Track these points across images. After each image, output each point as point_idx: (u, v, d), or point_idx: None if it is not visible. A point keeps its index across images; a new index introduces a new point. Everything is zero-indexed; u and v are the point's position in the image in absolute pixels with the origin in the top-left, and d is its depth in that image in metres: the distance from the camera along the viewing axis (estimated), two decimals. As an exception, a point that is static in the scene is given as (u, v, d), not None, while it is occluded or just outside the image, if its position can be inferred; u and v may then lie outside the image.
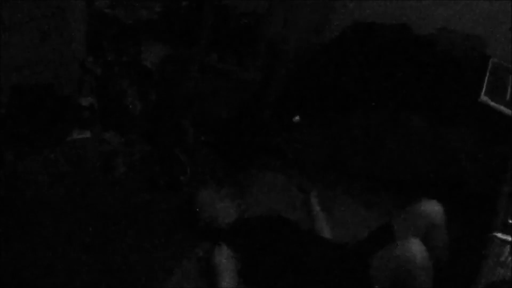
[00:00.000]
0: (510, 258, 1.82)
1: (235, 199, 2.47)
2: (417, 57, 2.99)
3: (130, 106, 3.03)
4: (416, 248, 1.82)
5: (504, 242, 1.88)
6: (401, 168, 2.91)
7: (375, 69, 2.98)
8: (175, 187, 2.75)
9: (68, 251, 2.28)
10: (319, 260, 2.08)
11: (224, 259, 2.13)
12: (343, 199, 2.76)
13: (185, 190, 2.70)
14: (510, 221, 1.97)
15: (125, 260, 2.29)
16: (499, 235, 1.91)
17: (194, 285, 2.22)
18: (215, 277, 2.11)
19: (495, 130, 2.70)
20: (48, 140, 2.76)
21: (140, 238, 2.41)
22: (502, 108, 2.68)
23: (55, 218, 2.41)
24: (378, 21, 3.18)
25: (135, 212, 2.54)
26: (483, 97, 2.68)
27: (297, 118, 2.74)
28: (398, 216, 2.14)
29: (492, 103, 2.68)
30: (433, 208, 2.07)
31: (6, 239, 2.27)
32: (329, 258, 2.09)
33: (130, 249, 2.34)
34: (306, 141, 3.01)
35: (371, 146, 2.95)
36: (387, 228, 2.13)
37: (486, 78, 2.79)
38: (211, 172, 2.91)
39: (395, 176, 2.91)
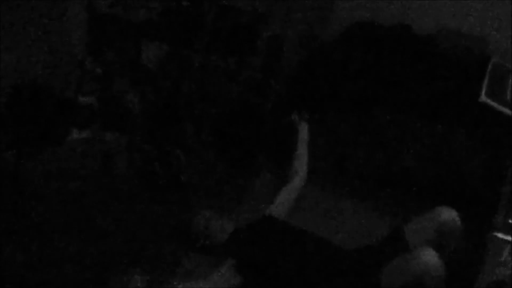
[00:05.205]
0: (510, 258, 1.82)
1: (231, 212, 2.41)
2: (417, 57, 2.99)
3: (130, 106, 3.03)
4: (430, 259, 1.75)
5: (504, 242, 1.88)
6: (400, 168, 2.91)
7: (375, 69, 2.98)
8: (175, 187, 2.75)
9: (68, 250, 2.29)
10: (326, 269, 2.00)
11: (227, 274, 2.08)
12: (351, 203, 2.76)
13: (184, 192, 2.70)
14: (510, 221, 1.97)
15: (125, 259, 2.29)
16: (499, 235, 1.90)
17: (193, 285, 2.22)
18: None
19: (495, 130, 2.70)
20: (48, 140, 2.76)
21: (141, 237, 2.41)
22: (502, 108, 2.68)
23: (55, 218, 2.41)
24: (378, 21, 3.18)
25: (135, 212, 2.54)
26: (483, 97, 2.68)
27: (296, 118, 2.73)
28: (411, 223, 2.06)
29: (492, 103, 2.68)
30: (450, 216, 1.98)
31: (6, 238, 2.27)
32: (336, 267, 2.01)
33: (130, 248, 2.34)
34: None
35: (369, 146, 2.95)
36: (399, 235, 2.05)
37: (486, 78, 2.79)
38: (211, 172, 2.91)
39: (394, 176, 2.91)
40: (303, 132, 2.47)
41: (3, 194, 2.46)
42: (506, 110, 2.67)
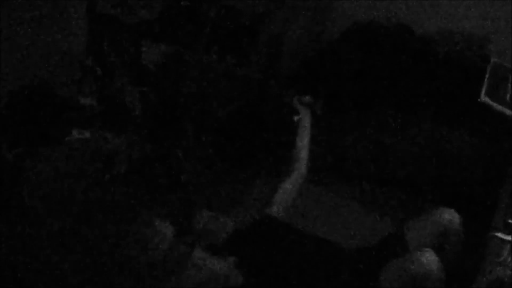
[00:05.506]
0: (510, 258, 1.81)
1: (231, 212, 2.40)
2: (417, 57, 2.99)
3: (130, 106, 3.03)
4: (431, 260, 1.76)
5: (504, 242, 1.88)
6: (400, 168, 2.91)
7: (375, 69, 2.98)
8: (175, 187, 2.75)
9: (67, 250, 2.29)
10: (326, 269, 2.01)
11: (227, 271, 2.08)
12: (351, 203, 2.76)
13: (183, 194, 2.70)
14: (510, 221, 1.97)
15: (125, 259, 2.29)
16: (499, 235, 1.90)
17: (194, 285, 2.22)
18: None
19: (495, 130, 2.70)
20: (48, 140, 2.76)
21: (141, 238, 2.41)
22: (502, 108, 2.68)
23: (55, 218, 2.41)
24: (378, 21, 3.18)
25: (135, 212, 2.54)
26: (483, 97, 2.68)
27: (297, 117, 2.73)
28: (411, 223, 2.06)
29: (492, 103, 2.68)
30: (450, 217, 1.99)
31: (6, 238, 2.27)
32: (336, 267, 2.01)
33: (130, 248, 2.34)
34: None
35: (370, 146, 2.95)
36: (399, 235, 2.05)
37: (486, 78, 2.79)
38: (211, 172, 2.91)
39: (394, 176, 2.91)
40: (304, 123, 2.41)
41: (3, 194, 2.46)
42: (506, 110, 2.67)
